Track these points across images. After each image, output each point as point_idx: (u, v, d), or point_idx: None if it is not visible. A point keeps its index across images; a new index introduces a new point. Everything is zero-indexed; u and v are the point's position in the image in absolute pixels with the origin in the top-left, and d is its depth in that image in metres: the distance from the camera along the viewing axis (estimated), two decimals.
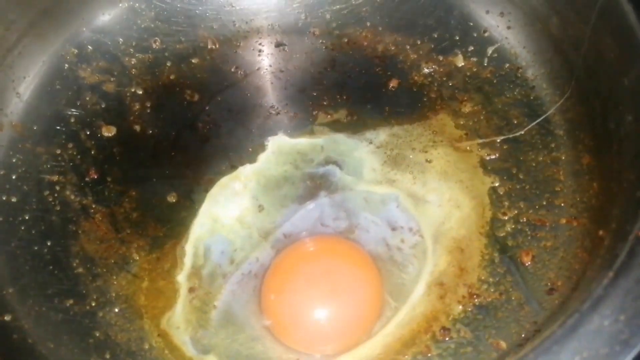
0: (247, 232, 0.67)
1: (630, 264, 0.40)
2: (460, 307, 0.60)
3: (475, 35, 0.76)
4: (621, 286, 0.40)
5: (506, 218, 0.65)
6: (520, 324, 0.57)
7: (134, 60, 0.78)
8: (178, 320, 0.62)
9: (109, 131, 0.73)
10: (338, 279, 0.61)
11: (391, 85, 0.76)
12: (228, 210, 0.68)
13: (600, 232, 0.51)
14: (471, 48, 0.76)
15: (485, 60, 0.75)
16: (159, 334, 0.61)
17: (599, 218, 0.55)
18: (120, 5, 0.79)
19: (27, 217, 0.66)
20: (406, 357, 0.58)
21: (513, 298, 0.60)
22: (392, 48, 0.79)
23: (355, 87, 0.77)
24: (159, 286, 0.64)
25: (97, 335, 0.60)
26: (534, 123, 0.69)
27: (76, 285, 0.63)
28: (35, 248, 0.64)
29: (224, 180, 0.70)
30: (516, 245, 0.63)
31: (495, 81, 0.74)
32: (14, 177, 0.68)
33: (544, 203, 0.64)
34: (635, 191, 0.45)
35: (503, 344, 0.56)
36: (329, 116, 0.75)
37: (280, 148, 0.73)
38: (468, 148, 0.70)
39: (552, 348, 0.42)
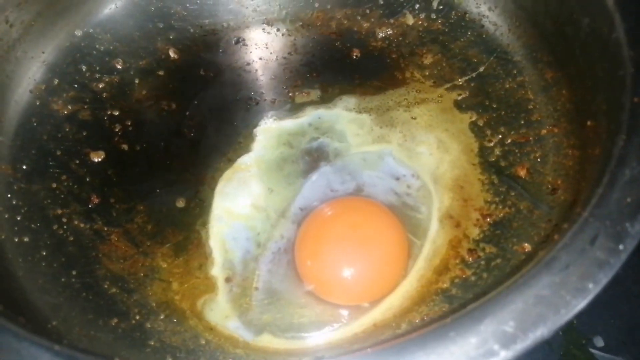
0: (264, 215, 0.69)
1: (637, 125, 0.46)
2: (478, 229, 0.66)
3: None
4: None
5: (492, 144, 0.71)
6: (536, 226, 0.63)
7: (102, 84, 0.78)
8: (224, 310, 0.63)
9: (98, 156, 0.73)
10: (364, 233, 0.64)
11: (354, 55, 0.81)
12: (239, 200, 0.70)
13: (589, 123, 0.58)
14: (417, 5, 0.82)
15: (433, 13, 0.82)
16: (210, 328, 0.62)
17: (580, 115, 0.62)
18: (76, 32, 0.79)
19: (44, 253, 0.65)
20: (444, 284, 0.63)
21: (522, 208, 0.66)
22: (345, 22, 0.84)
23: (321, 64, 0.81)
24: (194, 285, 0.65)
25: (152, 343, 0.61)
26: (492, 57, 0.76)
27: (114, 305, 0.63)
28: (63, 280, 0.64)
29: (226, 174, 0.72)
30: (509, 165, 0.69)
31: (447, 30, 0.81)
32: (19, 218, 0.67)
33: (522, 122, 0.71)
34: (616, 71, 0.52)
35: (527, 246, 0.62)
36: (305, 94, 0.78)
37: (269, 133, 0.76)
38: (439, 94, 0.76)
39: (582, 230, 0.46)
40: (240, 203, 0.70)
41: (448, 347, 0.37)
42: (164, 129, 0.76)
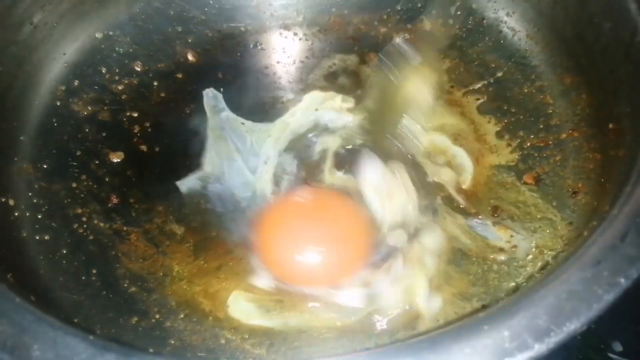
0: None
1: None
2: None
3: None
4: None
5: (511, 148, 0.71)
6: (556, 229, 0.63)
7: (121, 86, 0.79)
8: (244, 310, 0.63)
9: (117, 157, 0.73)
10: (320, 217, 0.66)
11: (371, 59, 0.81)
12: None
13: (611, 126, 0.58)
14: (434, 11, 0.83)
15: (450, 19, 0.82)
16: (231, 327, 0.62)
17: (601, 119, 0.62)
18: (97, 35, 0.80)
19: (64, 252, 0.65)
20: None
21: (540, 214, 0.65)
22: (362, 27, 0.85)
23: (338, 69, 0.81)
24: (214, 285, 0.65)
25: (173, 342, 0.60)
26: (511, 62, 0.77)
27: (134, 304, 0.63)
28: (83, 278, 0.64)
29: None
30: (528, 168, 0.69)
31: (464, 35, 0.81)
32: (40, 216, 0.67)
33: (541, 126, 0.72)
34: (638, 75, 0.52)
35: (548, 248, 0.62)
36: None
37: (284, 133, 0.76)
38: (458, 99, 0.77)
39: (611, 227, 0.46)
40: None
41: (482, 340, 0.37)
42: (183, 130, 0.76)
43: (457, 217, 0.67)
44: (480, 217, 0.66)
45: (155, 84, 0.80)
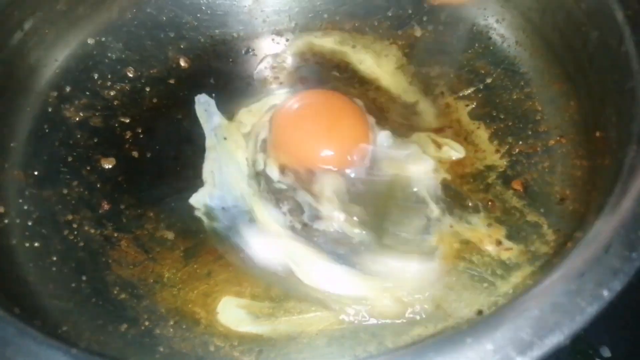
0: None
1: None
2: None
3: (425, 5, 0.84)
4: None
5: (499, 155, 0.72)
6: (543, 236, 0.64)
7: (113, 92, 0.79)
8: (234, 317, 0.63)
9: (108, 163, 0.74)
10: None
11: (363, 66, 0.82)
12: None
13: (597, 134, 0.59)
14: (425, 18, 0.83)
15: (440, 25, 0.83)
16: (220, 334, 0.62)
17: (589, 126, 0.63)
18: (89, 41, 0.80)
19: (54, 259, 0.65)
20: None
21: (528, 218, 0.66)
22: (354, 33, 0.85)
23: (330, 75, 0.81)
24: (204, 292, 0.65)
25: (162, 350, 0.61)
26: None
27: (124, 310, 0.63)
28: (73, 285, 0.64)
29: None
30: (516, 174, 0.70)
31: (454, 41, 0.82)
32: (30, 223, 0.67)
33: (530, 133, 0.72)
34: (626, 83, 0.53)
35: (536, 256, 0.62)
36: None
37: None
38: (448, 104, 0.77)
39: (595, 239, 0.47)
40: None
41: (464, 353, 0.38)
42: (175, 136, 0.76)
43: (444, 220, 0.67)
44: (467, 222, 0.66)
45: (147, 89, 0.80)
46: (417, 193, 0.68)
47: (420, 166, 0.70)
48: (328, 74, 0.81)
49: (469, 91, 0.78)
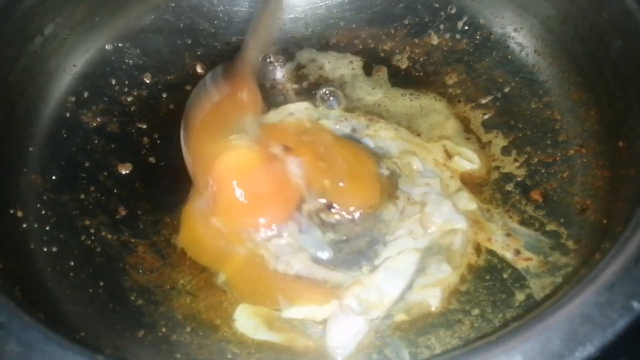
0: None
1: None
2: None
3: (443, 13, 0.84)
4: None
5: (518, 164, 0.71)
6: (564, 246, 0.63)
7: (130, 98, 0.79)
8: (250, 323, 0.63)
9: (125, 168, 0.74)
10: None
11: (379, 74, 0.82)
12: None
13: (620, 144, 0.58)
14: (442, 26, 0.83)
15: (458, 34, 0.83)
16: (237, 341, 0.62)
17: (610, 136, 0.62)
18: (107, 47, 0.80)
19: (72, 264, 0.65)
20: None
21: (547, 228, 0.65)
22: (370, 41, 0.85)
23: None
24: (220, 298, 0.65)
25: (179, 356, 0.60)
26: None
27: (141, 317, 0.63)
28: (90, 290, 0.64)
29: None
30: (535, 184, 0.69)
31: (471, 50, 0.81)
32: (47, 228, 0.67)
33: (549, 142, 0.72)
34: None
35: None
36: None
37: None
38: (465, 113, 0.77)
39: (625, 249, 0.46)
40: None
41: None
42: None
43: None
44: (485, 231, 0.66)
45: (164, 95, 0.80)
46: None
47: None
48: None
49: (487, 100, 0.77)
